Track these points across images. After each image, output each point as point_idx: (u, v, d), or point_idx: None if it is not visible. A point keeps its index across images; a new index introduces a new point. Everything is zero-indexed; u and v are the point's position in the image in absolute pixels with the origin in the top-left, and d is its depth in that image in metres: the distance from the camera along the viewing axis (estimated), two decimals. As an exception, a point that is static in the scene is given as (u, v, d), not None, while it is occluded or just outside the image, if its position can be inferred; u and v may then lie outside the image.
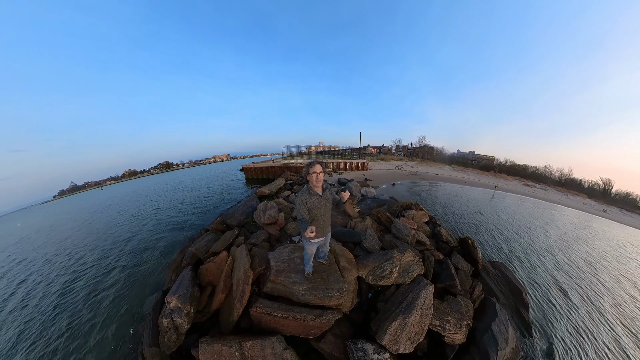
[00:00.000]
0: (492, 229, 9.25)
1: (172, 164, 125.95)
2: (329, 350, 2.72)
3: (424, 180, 21.53)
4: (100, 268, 7.20)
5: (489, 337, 3.10)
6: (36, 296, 6.07)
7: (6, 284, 7.15)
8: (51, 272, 7.42)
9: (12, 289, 6.73)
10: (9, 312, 5.52)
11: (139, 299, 5.32)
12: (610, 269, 6.80)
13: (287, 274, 3.31)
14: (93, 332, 4.45)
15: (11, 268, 8.52)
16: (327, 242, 3.03)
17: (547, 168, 44.41)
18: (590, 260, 7.29)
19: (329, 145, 56.25)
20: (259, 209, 6.47)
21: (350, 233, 5.06)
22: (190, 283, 3.60)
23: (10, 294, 6.42)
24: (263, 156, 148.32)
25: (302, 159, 26.79)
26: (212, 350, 2.55)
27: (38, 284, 6.74)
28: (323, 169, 2.45)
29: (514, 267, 6.25)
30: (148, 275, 6.34)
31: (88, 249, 9.29)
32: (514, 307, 4.40)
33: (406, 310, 2.87)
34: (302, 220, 2.38)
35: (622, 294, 5.49)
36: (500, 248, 7.51)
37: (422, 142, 54.92)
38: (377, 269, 3.55)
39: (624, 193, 35.83)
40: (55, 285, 6.48)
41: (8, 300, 6.07)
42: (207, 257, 4.69)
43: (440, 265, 4.32)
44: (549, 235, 9.41)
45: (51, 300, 5.75)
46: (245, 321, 3.10)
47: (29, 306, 5.66)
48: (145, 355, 3.25)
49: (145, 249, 8.24)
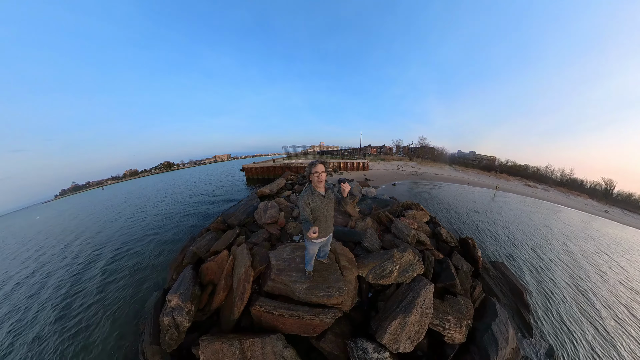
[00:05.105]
0: (493, 229, 9.23)
1: (173, 163, 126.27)
2: (329, 349, 2.72)
3: (425, 180, 21.49)
4: (99, 268, 7.23)
5: (489, 337, 3.10)
6: (40, 294, 6.12)
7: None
8: (51, 270, 7.49)
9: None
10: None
11: (140, 297, 5.34)
12: (612, 270, 6.78)
13: (288, 272, 3.31)
14: (93, 330, 4.47)
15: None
16: (329, 242, 3.04)
17: (549, 168, 44.35)
18: (590, 260, 7.27)
19: (330, 145, 56.26)
20: (260, 209, 6.49)
21: (351, 233, 5.07)
22: (191, 282, 3.61)
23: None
24: (264, 156, 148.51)
25: (302, 159, 26.80)
26: (213, 348, 2.56)
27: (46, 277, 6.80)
28: (325, 168, 2.40)
29: (514, 267, 6.24)
30: (149, 274, 6.36)
31: (88, 247, 9.32)
32: (514, 307, 4.40)
33: (406, 309, 2.88)
34: (305, 221, 2.38)
35: (624, 295, 5.48)
36: (501, 248, 7.49)
37: (422, 142, 54.90)
38: (378, 268, 3.56)
39: (626, 194, 35.68)
40: (50, 289, 6.52)
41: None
42: (208, 256, 4.71)
43: (440, 265, 4.32)
44: (550, 235, 9.38)
45: (50, 300, 5.79)
46: (246, 320, 3.11)
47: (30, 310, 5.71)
48: (146, 353, 3.27)
49: (147, 248, 8.26)
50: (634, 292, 5.63)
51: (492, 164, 52.24)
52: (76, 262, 7.94)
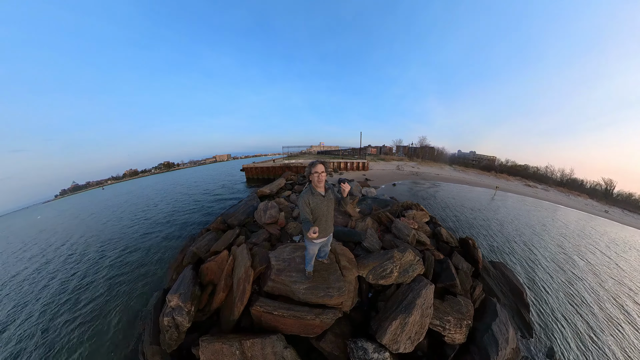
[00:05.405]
0: (493, 229, 9.23)
1: (173, 163, 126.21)
2: (329, 349, 2.72)
3: (425, 180, 21.49)
4: (100, 267, 7.23)
5: (489, 337, 3.09)
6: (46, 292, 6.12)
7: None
8: (53, 269, 7.50)
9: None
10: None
11: (140, 297, 5.33)
12: (613, 271, 6.78)
13: (288, 273, 3.31)
14: (93, 330, 4.47)
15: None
16: (329, 242, 3.03)
17: (549, 168, 44.34)
18: (593, 260, 7.27)
19: (330, 145, 56.26)
20: (260, 209, 6.49)
21: (351, 233, 5.06)
22: (191, 282, 3.61)
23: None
24: (264, 156, 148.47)
25: (302, 159, 26.80)
26: (213, 348, 2.56)
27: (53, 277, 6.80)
28: (325, 168, 2.40)
29: (514, 267, 6.24)
30: (149, 274, 6.35)
31: (88, 247, 9.32)
32: (514, 307, 4.39)
33: (406, 309, 2.87)
34: (305, 221, 2.37)
35: (625, 296, 5.48)
36: (501, 248, 7.49)
37: (422, 142, 54.89)
38: (378, 269, 3.55)
39: (627, 194, 35.65)
40: (49, 289, 6.52)
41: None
42: (208, 256, 4.71)
43: (440, 265, 4.32)
44: (550, 235, 9.38)
45: (50, 300, 5.79)
46: (246, 320, 3.11)
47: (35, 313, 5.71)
48: (146, 353, 3.27)
49: (147, 249, 8.26)
50: (625, 287, 5.72)
51: (492, 164, 52.21)
52: (77, 262, 7.93)
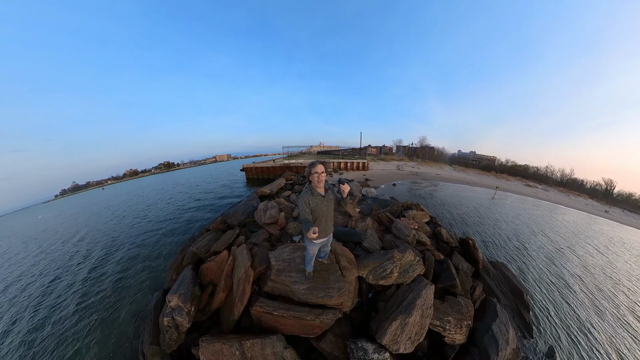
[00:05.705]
0: (493, 229, 9.22)
1: (173, 163, 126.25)
2: (329, 350, 2.72)
3: (425, 180, 21.49)
4: (100, 267, 7.23)
5: (489, 337, 3.09)
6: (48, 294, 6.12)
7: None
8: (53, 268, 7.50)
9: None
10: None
11: (139, 298, 5.33)
12: (612, 271, 6.77)
13: (288, 273, 3.31)
14: (93, 330, 4.47)
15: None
16: (329, 242, 3.03)
17: (549, 168, 44.34)
18: (591, 260, 7.26)
19: (330, 145, 56.26)
20: (260, 209, 6.48)
21: (351, 233, 5.06)
22: (191, 282, 3.60)
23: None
24: (264, 156, 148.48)
25: (302, 159, 26.80)
26: (213, 348, 2.55)
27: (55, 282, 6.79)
28: (325, 169, 2.39)
29: (514, 267, 6.23)
30: (149, 275, 6.35)
31: (89, 247, 9.32)
32: (514, 307, 4.39)
33: (406, 310, 2.87)
34: (305, 221, 2.37)
35: (625, 297, 5.47)
36: (502, 248, 7.48)
37: (422, 142, 54.88)
38: (378, 269, 3.55)
39: (627, 194, 35.65)
40: (48, 288, 6.52)
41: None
42: (207, 256, 4.70)
43: (440, 266, 4.31)
44: (550, 235, 9.38)
45: (50, 300, 5.79)
46: (246, 320, 3.11)
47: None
48: (146, 353, 3.26)
49: (147, 248, 8.26)
50: (623, 287, 5.70)
51: (492, 164, 52.21)
52: (77, 262, 7.93)
